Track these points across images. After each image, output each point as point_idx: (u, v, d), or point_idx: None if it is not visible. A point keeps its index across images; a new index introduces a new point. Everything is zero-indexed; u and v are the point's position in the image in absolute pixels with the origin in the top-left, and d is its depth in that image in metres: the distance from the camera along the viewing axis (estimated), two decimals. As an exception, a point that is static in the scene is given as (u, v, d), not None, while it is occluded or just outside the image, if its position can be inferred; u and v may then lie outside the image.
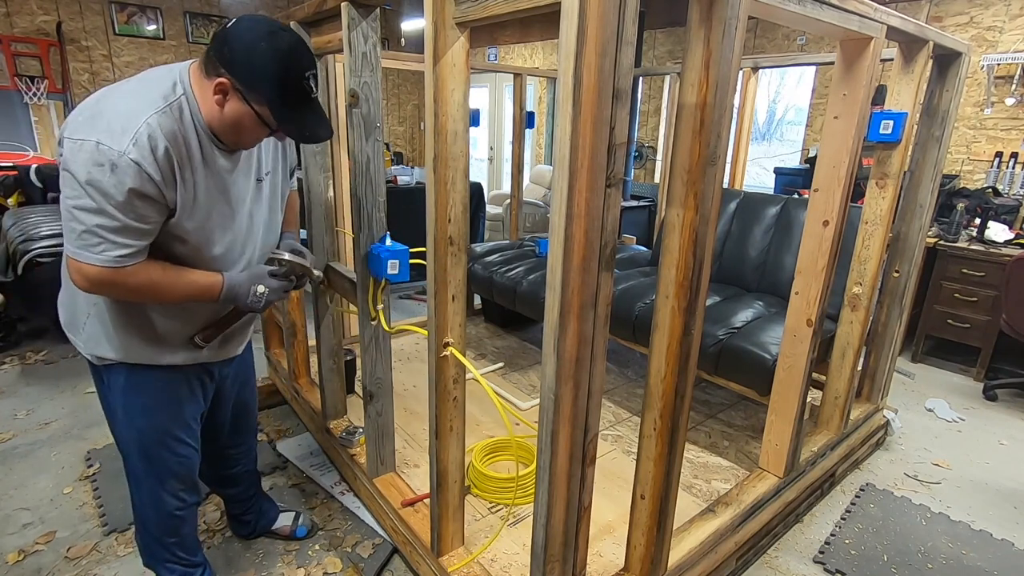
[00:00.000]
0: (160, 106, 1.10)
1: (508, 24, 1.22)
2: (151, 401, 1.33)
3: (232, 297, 1.28)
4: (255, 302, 1.32)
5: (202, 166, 1.17)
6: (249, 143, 1.23)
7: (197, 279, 1.23)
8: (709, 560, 1.65)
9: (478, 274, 3.14)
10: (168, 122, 1.10)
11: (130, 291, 1.15)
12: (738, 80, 1.24)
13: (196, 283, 1.23)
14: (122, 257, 1.09)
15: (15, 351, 3.22)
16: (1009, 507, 2.19)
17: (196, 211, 1.18)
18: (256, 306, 1.33)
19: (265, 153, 1.36)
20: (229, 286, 1.27)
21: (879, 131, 1.89)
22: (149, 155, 1.06)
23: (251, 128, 1.17)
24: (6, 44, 4.92)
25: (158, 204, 1.11)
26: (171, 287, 1.19)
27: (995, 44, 3.48)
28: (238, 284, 1.29)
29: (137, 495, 1.44)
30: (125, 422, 1.34)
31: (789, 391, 1.85)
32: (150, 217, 1.11)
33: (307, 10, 1.75)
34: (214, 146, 1.19)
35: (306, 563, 1.80)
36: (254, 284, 1.31)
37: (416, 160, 7.79)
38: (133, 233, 1.09)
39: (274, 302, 1.39)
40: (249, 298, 1.30)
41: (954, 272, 3.24)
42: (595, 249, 0.98)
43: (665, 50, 5.25)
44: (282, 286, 1.38)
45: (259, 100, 1.13)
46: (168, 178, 1.10)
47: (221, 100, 1.13)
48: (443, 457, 1.48)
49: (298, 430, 2.53)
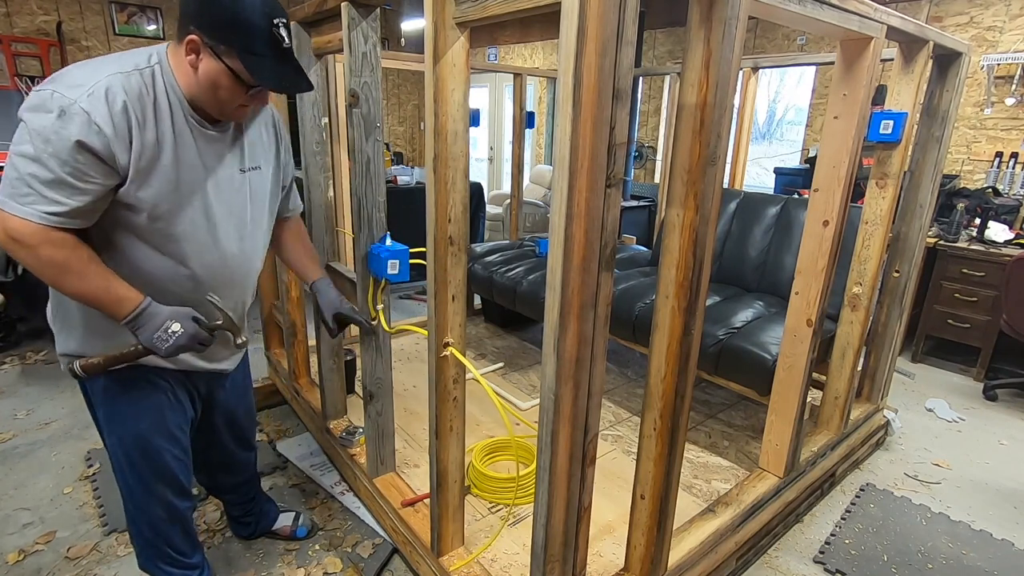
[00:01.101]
0: (128, 69, 1.08)
1: (508, 24, 1.22)
2: (131, 409, 1.30)
3: (140, 324, 1.14)
4: (161, 340, 1.15)
5: (171, 135, 1.12)
6: (231, 110, 1.17)
7: (115, 287, 1.11)
8: (709, 560, 1.65)
9: (478, 274, 3.14)
10: (134, 83, 1.07)
11: (40, 261, 1.04)
12: (738, 80, 1.24)
13: (110, 289, 1.10)
14: (49, 214, 1.01)
15: (15, 351, 3.22)
16: (1009, 507, 2.19)
17: (156, 180, 1.11)
18: (160, 345, 1.15)
19: (253, 145, 1.31)
20: (147, 308, 1.14)
21: (879, 131, 1.89)
22: (103, 107, 1.02)
23: (228, 88, 1.12)
24: (6, 44, 4.92)
25: (103, 165, 1.04)
26: (81, 278, 1.08)
27: (995, 44, 3.48)
28: (156, 312, 1.15)
29: (127, 500, 1.42)
30: (108, 429, 1.33)
31: (789, 391, 1.85)
32: (90, 176, 1.03)
33: (307, 10, 1.75)
34: (192, 120, 1.16)
35: (306, 563, 1.80)
36: (172, 320, 1.16)
37: (416, 160, 7.79)
38: (67, 190, 1.02)
39: (184, 349, 1.19)
40: (157, 332, 1.14)
41: (954, 272, 3.24)
42: (595, 249, 0.98)
43: (665, 50, 5.25)
44: (199, 336, 1.20)
45: (229, 53, 1.08)
46: (121, 137, 1.05)
47: (194, 60, 1.10)
48: (443, 457, 1.48)
49: (298, 430, 2.53)
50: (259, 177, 1.34)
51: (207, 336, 1.22)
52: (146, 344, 1.16)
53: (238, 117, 1.22)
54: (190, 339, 1.18)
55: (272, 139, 1.40)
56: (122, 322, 1.13)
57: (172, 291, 1.22)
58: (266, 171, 1.37)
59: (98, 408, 1.32)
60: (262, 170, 1.35)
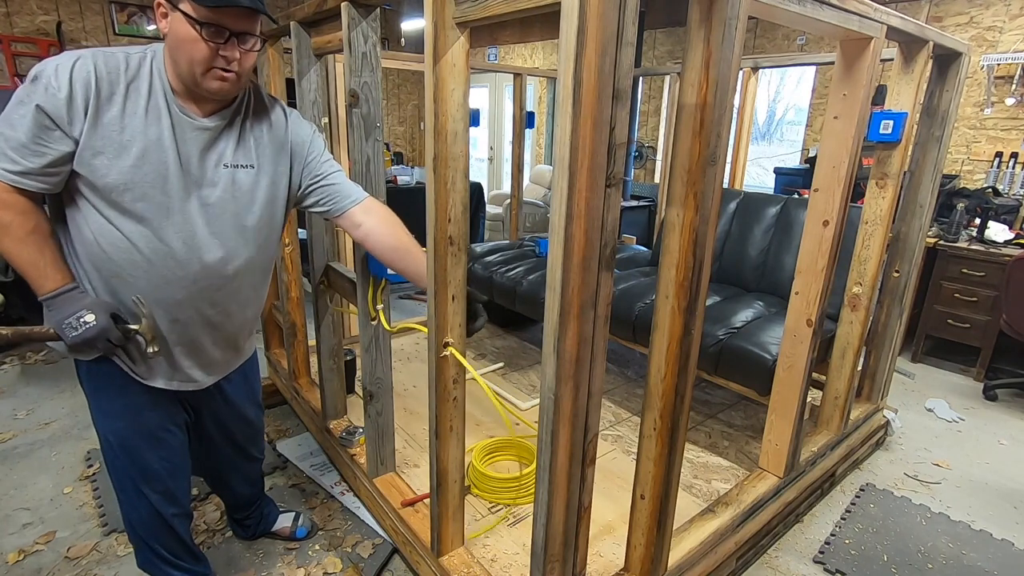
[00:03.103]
0: (115, 51, 1.11)
1: (508, 24, 1.22)
2: (109, 406, 1.29)
3: (55, 305, 1.11)
4: (69, 327, 1.09)
5: (143, 114, 1.12)
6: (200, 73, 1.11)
7: (48, 262, 1.11)
8: (709, 560, 1.65)
9: (478, 274, 3.14)
10: (109, 61, 1.10)
11: None
12: (738, 80, 1.24)
13: (40, 264, 1.11)
14: (4, 171, 1.06)
15: (15, 351, 3.22)
16: (1009, 507, 2.19)
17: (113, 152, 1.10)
18: (67, 332, 1.10)
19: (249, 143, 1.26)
20: (63, 292, 1.11)
21: (879, 131, 1.89)
22: (65, 74, 1.05)
23: (188, 39, 1.08)
24: (6, 44, 4.92)
25: (55, 129, 1.06)
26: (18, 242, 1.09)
27: (995, 44, 3.48)
28: (75, 297, 1.12)
29: (118, 497, 1.40)
30: (95, 424, 1.33)
31: (789, 391, 1.85)
32: (43, 139, 1.06)
33: (307, 10, 1.75)
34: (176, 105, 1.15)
35: (306, 563, 1.80)
36: (88, 310, 1.10)
37: (416, 160, 7.79)
38: (23, 151, 1.05)
39: (91, 343, 1.12)
40: (68, 318, 1.09)
41: (954, 272, 3.24)
42: (595, 249, 0.98)
43: (665, 50, 5.25)
44: (110, 332, 1.13)
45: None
46: (78, 105, 1.06)
47: (165, 25, 1.11)
48: (443, 457, 1.48)
49: (298, 430, 2.53)
50: (249, 176, 1.26)
51: (118, 335, 1.15)
52: (54, 328, 1.12)
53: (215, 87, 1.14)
54: (99, 332, 1.11)
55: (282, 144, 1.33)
56: (40, 298, 1.13)
57: (125, 277, 1.17)
58: (264, 172, 1.29)
59: (88, 399, 1.32)
60: (256, 170, 1.28)
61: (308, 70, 1.91)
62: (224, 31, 1.09)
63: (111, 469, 1.36)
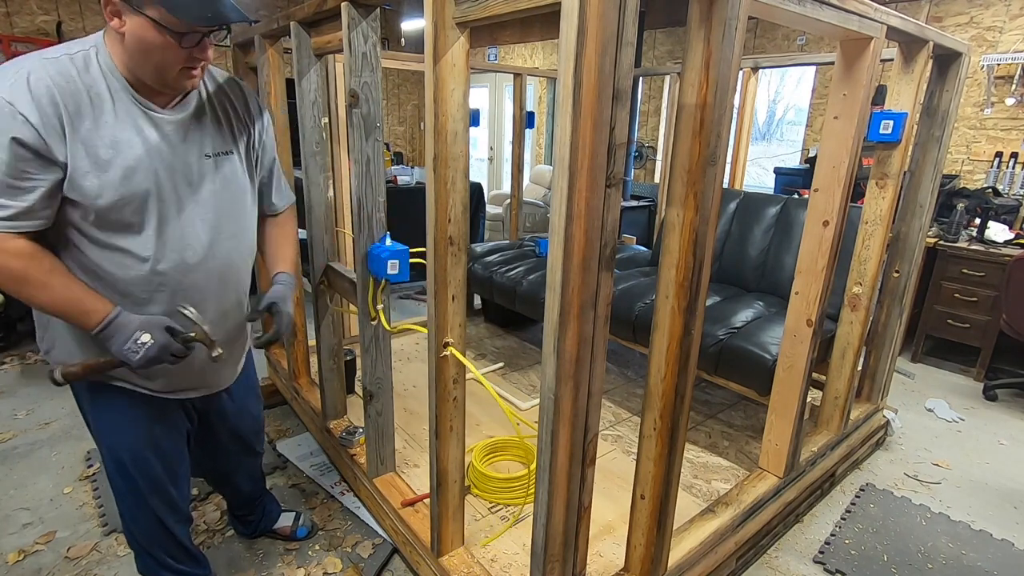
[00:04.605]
0: (56, 55, 1.02)
1: (508, 24, 1.22)
2: (116, 419, 1.26)
3: (109, 335, 1.08)
4: (131, 351, 1.09)
5: (113, 120, 1.06)
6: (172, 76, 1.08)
7: (81, 298, 1.06)
8: (709, 560, 1.65)
9: (478, 274, 3.14)
10: (61, 69, 1.01)
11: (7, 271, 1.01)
12: (738, 80, 1.24)
13: (76, 301, 1.06)
14: None
15: (15, 351, 3.22)
16: (1009, 507, 2.19)
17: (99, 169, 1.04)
18: (131, 357, 1.09)
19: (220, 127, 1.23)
20: (117, 318, 1.08)
21: (879, 131, 1.89)
22: (26, 96, 0.97)
23: (158, 46, 1.02)
24: (6, 44, 4.92)
25: (39, 158, 0.99)
26: (43, 289, 1.03)
27: (995, 44, 3.48)
28: (126, 321, 1.09)
29: (120, 506, 1.39)
30: (97, 439, 1.30)
31: (789, 391, 1.85)
32: (29, 173, 0.98)
33: (307, 10, 1.75)
34: (138, 103, 1.09)
35: (306, 563, 1.80)
36: (142, 330, 1.10)
37: (416, 160, 7.79)
38: (9, 192, 0.98)
39: (155, 361, 1.12)
40: (127, 343, 1.08)
41: (954, 272, 3.24)
42: (595, 249, 0.98)
43: (665, 50, 5.25)
44: (171, 347, 1.13)
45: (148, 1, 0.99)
46: (51, 126, 0.99)
47: (119, 25, 1.02)
48: (443, 457, 1.48)
49: (298, 430, 2.53)
50: (231, 163, 1.24)
51: (180, 348, 1.15)
52: (117, 356, 1.11)
53: (187, 85, 1.12)
54: (160, 350, 1.11)
55: (244, 117, 1.29)
56: (92, 333, 1.09)
57: (138, 295, 1.15)
58: (240, 156, 1.27)
59: (87, 415, 1.29)
60: (234, 156, 1.25)
61: (308, 70, 1.91)
62: (198, 35, 1.06)
63: (116, 482, 1.34)
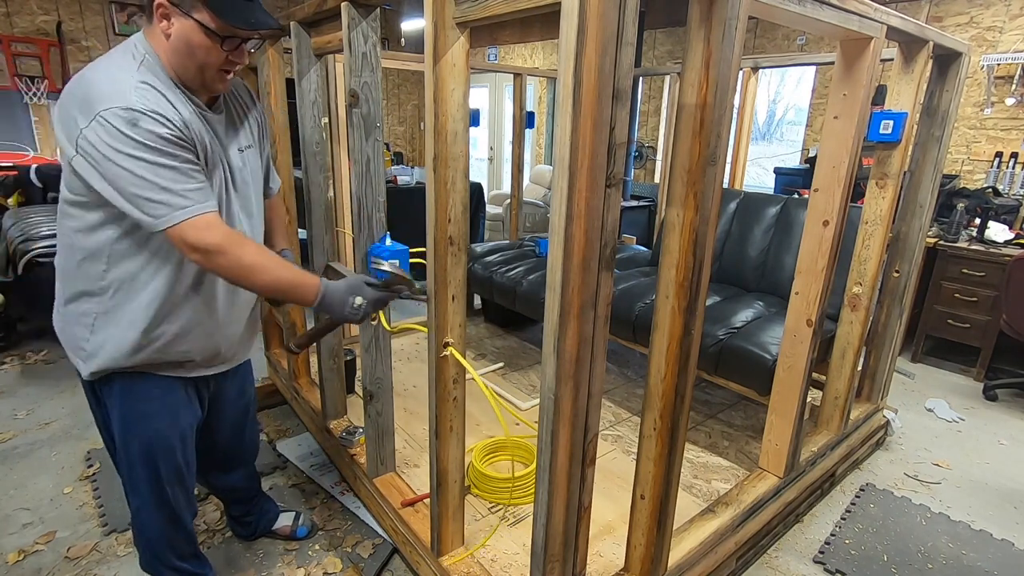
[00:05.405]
0: (135, 66, 1.10)
1: (508, 24, 1.22)
2: (148, 408, 1.31)
3: (328, 304, 1.23)
4: (352, 313, 1.25)
5: (193, 119, 1.15)
6: (211, 76, 1.17)
7: (295, 272, 1.20)
8: (709, 560, 1.65)
9: (478, 274, 3.14)
10: (149, 76, 1.11)
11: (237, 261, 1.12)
12: (738, 80, 1.24)
13: (294, 276, 1.19)
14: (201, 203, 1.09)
15: (15, 351, 3.22)
16: (1009, 507, 2.19)
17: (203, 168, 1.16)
18: (354, 317, 1.26)
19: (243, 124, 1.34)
20: (327, 291, 1.23)
21: (879, 131, 1.89)
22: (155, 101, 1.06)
23: (203, 47, 1.12)
24: (6, 44, 4.92)
25: (187, 147, 1.10)
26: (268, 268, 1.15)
27: (995, 44, 3.48)
28: (335, 291, 1.24)
29: (133, 501, 1.41)
30: (124, 429, 1.32)
31: (789, 391, 1.85)
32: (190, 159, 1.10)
33: (307, 10, 1.75)
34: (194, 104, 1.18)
35: (306, 563, 1.80)
36: (352, 294, 1.25)
37: (416, 160, 7.79)
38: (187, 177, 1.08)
39: (369, 315, 1.30)
40: (347, 309, 1.24)
41: (954, 272, 3.24)
42: (595, 249, 0.98)
43: (665, 50, 5.25)
44: (381, 297, 1.30)
45: (196, 5, 1.09)
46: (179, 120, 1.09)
47: (167, 27, 1.11)
48: (443, 457, 1.48)
49: (298, 430, 2.53)
50: (253, 155, 1.37)
51: (387, 295, 1.31)
52: (340, 320, 1.28)
53: (221, 86, 1.22)
54: (374, 305, 1.28)
55: (255, 116, 1.41)
56: (313, 306, 1.22)
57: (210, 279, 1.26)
58: (256, 149, 1.40)
59: (113, 409, 1.31)
60: (254, 149, 1.38)
61: (308, 70, 1.91)
62: (238, 40, 1.16)
63: (137, 473, 1.35)
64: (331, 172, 2.05)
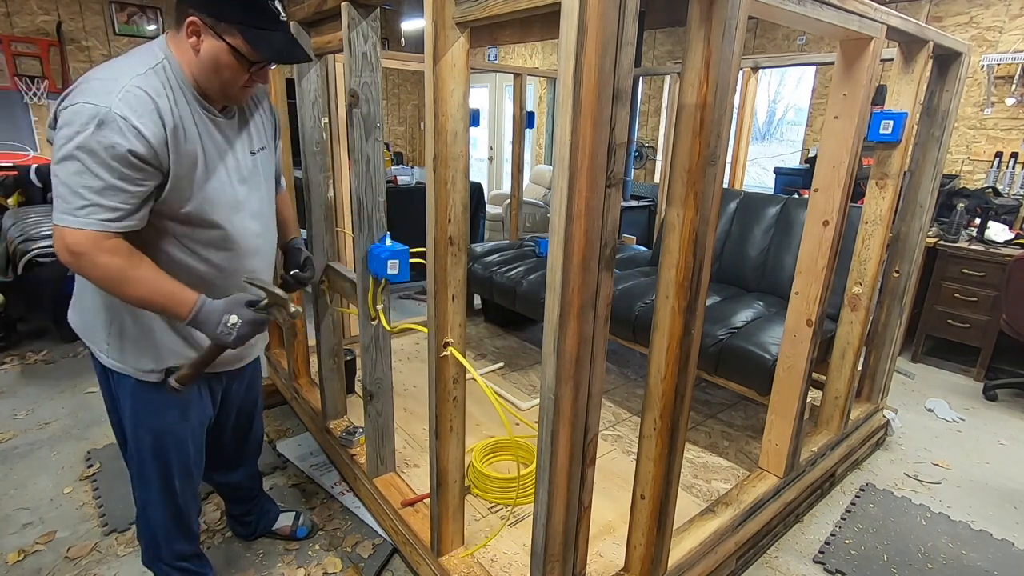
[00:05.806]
0: (143, 70, 1.11)
1: (508, 24, 1.22)
2: (160, 401, 1.32)
3: (200, 321, 1.17)
4: (224, 333, 1.18)
5: (195, 127, 1.16)
6: (234, 92, 1.20)
7: (172, 288, 1.14)
8: (709, 560, 1.65)
9: (478, 274, 3.14)
10: (154, 81, 1.11)
11: (97, 268, 1.07)
12: (738, 80, 1.24)
13: (168, 292, 1.13)
14: (106, 221, 1.05)
15: (15, 351, 3.22)
16: (1009, 507, 2.19)
17: (191, 172, 1.16)
18: (225, 339, 1.18)
19: (257, 127, 1.36)
20: (202, 308, 1.16)
21: (879, 131, 1.89)
22: (137, 109, 1.05)
23: (231, 67, 1.15)
24: (6, 44, 4.92)
25: (148, 166, 1.08)
26: (139, 282, 1.10)
27: (995, 44, 3.48)
28: (211, 310, 1.18)
29: (142, 495, 1.42)
30: (135, 422, 1.33)
31: (789, 391, 1.85)
32: (138, 178, 1.07)
33: (307, 10, 1.75)
34: (204, 108, 1.19)
35: (306, 563, 1.80)
36: (227, 313, 1.18)
37: (416, 160, 7.79)
38: (120, 194, 1.06)
39: (247, 337, 1.22)
40: (219, 327, 1.17)
41: (954, 272, 3.24)
42: (595, 249, 0.98)
43: (665, 50, 5.25)
44: (256, 319, 1.22)
45: (230, 31, 1.12)
46: (159, 137, 1.08)
47: (196, 43, 1.13)
48: (443, 457, 1.48)
49: (298, 430, 2.53)
50: (266, 157, 1.39)
51: (264, 317, 1.25)
52: (213, 340, 1.20)
53: (242, 98, 1.26)
54: (250, 326, 1.21)
55: (269, 117, 1.44)
56: (185, 322, 1.17)
57: (211, 283, 1.26)
58: (270, 150, 1.42)
59: (125, 400, 1.32)
60: (267, 150, 1.40)
61: (308, 70, 1.91)
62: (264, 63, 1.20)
63: (147, 467, 1.37)
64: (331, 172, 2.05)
